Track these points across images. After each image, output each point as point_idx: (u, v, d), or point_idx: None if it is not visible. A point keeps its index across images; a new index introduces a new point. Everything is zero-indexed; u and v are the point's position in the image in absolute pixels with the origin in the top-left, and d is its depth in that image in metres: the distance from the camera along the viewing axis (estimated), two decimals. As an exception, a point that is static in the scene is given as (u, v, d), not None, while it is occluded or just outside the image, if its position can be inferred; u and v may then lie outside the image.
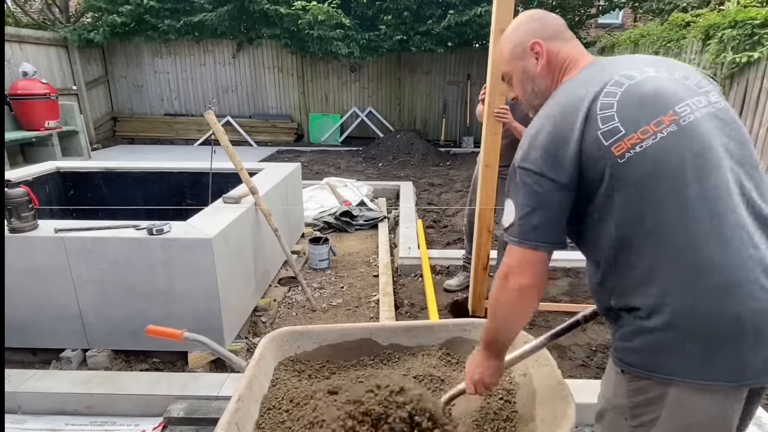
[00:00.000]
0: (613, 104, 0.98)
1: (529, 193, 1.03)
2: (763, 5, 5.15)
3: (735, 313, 0.89)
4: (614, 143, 0.96)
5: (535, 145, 1.03)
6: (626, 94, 0.99)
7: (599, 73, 1.06)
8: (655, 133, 0.95)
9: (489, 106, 2.56)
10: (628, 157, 0.95)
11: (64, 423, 2.03)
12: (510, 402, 1.44)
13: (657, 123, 0.95)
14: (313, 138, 10.62)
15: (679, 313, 0.92)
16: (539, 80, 1.17)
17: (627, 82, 1.00)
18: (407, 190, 6.02)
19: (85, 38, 8.80)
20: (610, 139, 0.96)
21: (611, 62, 1.09)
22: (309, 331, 1.65)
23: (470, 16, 8.40)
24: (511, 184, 1.08)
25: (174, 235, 2.26)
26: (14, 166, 5.81)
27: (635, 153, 0.95)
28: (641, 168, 0.94)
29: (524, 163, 1.04)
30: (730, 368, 0.91)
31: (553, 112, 1.04)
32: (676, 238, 0.92)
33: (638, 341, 0.98)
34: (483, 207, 2.70)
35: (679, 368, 0.93)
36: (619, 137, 0.96)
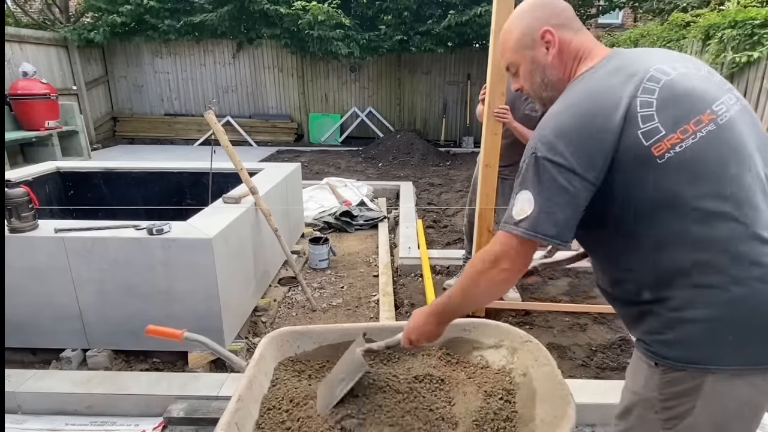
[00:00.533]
0: (653, 102, 0.95)
1: (556, 188, 0.97)
2: (763, 5, 5.15)
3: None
4: (654, 144, 0.94)
5: (567, 138, 0.97)
6: (664, 92, 0.96)
7: (631, 64, 1.01)
8: (694, 132, 0.94)
9: (489, 106, 2.56)
10: (667, 157, 0.93)
11: (64, 423, 2.03)
12: (510, 402, 1.44)
13: (696, 122, 0.94)
14: (313, 138, 10.62)
15: (718, 304, 0.94)
16: (550, 71, 1.12)
17: (663, 78, 0.97)
18: (407, 190, 6.02)
19: (85, 38, 8.80)
20: (651, 140, 0.94)
21: (639, 54, 1.05)
22: (309, 331, 1.65)
23: (470, 16, 8.41)
24: (529, 175, 1.01)
25: (174, 235, 2.26)
26: (14, 166, 5.81)
27: (675, 153, 0.93)
28: (681, 168, 0.93)
29: (554, 156, 0.97)
30: (763, 353, 0.94)
31: (587, 105, 0.98)
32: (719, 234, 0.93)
33: (674, 333, 0.98)
34: (483, 207, 2.70)
35: (717, 357, 0.95)
36: (660, 137, 0.94)
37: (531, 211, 0.99)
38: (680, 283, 0.97)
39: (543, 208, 0.98)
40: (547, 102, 1.13)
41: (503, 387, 1.49)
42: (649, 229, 0.98)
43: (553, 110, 1.03)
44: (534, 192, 0.99)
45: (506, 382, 1.52)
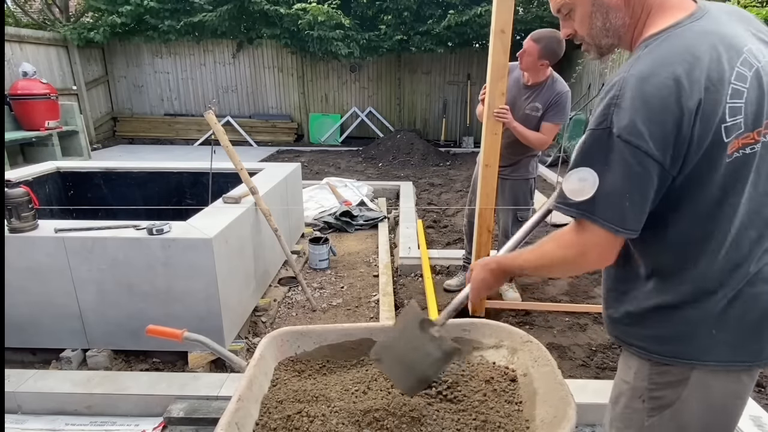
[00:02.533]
0: (743, 93, 0.84)
1: (628, 173, 0.85)
2: (763, 5, 5.15)
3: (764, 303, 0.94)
4: (732, 141, 0.84)
5: (643, 112, 0.82)
6: (754, 82, 0.85)
7: (726, 35, 0.86)
8: (765, 135, 0.86)
9: (489, 106, 2.56)
10: (735, 157, 0.85)
11: (64, 423, 2.03)
12: (510, 403, 1.44)
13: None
14: (313, 138, 10.62)
15: (707, 303, 0.95)
16: (614, 13, 0.96)
17: (756, 65, 0.85)
18: (407, 190, 6.02)
19: (85, 38, 8.80)
20: (731, 136, 0.84)
21: (727, 24, 0.89)
22: (309, 331, 1.65)
23: (470, 16, 8.42)
24: (594, 151, 0.89)
25: (174, 235, 2.26)
26: (14, 166, 5.81)
27: (743, 154, 0.85)
28: (739, 171, 0.86)
29: (630, 136, 0.83)
30: (750, 350, 0.96)
31: (673, 72, 0.82)
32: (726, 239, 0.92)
33: (663, 329, 1.00)
34: (483, 207, 2.70)
35: (704, 352, 0.96)
36: (738, 135, 0.84)
37: (594, 192, 0.88)
38: (679, 283, 0.97)
39: (611, 193, 0.87)
40: (605, 50, 1.03)
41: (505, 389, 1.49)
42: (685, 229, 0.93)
43: (634, 70, 0.86)
44: (598, 170, 0.88)
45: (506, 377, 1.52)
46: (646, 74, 0.84)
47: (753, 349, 0.96)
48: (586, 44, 1.05)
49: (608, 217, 0.89)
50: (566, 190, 0.93)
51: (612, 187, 0.87)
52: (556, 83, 2.83)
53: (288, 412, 1.36)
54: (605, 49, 1.03)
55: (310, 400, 1.42)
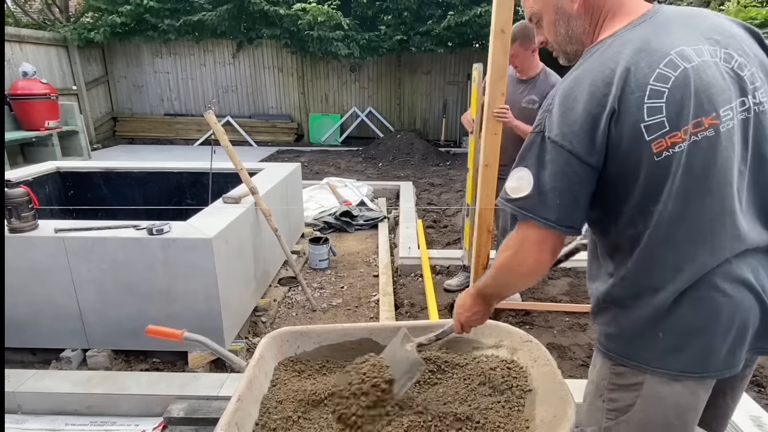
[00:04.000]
0: (664, 93, 0.88)
1: (556, 171, 0.93)
2: (763, 5, 5.16)
3: (715, 308, 0.93)
4: (655, 140, 0.88)
5: (569, 117, 0.91)
6: (678, 82, 0.88)
7: (652, 40, 0.91)
8: (693, 134, 0.88)
9: (489, 106, 2.56)
10: (664, 156, 0.89)
11: (64, 423, 2.03)
12: (510, 402, 1.44)
13: (696, 124, 0.88)
14: (313, 138, 10.62)
15: (658, 307, 0.96)
16: (575, 21, 1.02)
17: (682, 65, 0.89)
18: (407, 190, 6.02)
19: (85, 38, 8.80)
20: (653, 135, 0.88)
21: (665, 27, 0.94)
22: (309, 331, 1.65)
23: (470, 16, 8.41)
24: (531, 153, 0.97)
25: (174, 235, 2.26)
26: (14, 166, 5.81)
27: (672, 153, 0.88)
28: (672, 170, 0.89)
29: (555, 136, 0.92)
30: (699, 360, 0.95)
31: (593, 80, 0.91)
32: (678, 241, 0.93)
33: (618, 328, 1.03)
34: (483, 207, 2.70)
35: (655, 359, 0.98)
36: (662, 134, 0.88)
37: (530, 191, 0.96)
38: (634, 281, 0.98)
39: (542, 190, 0.94)
40: (572, 57, 1.07)
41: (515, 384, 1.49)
42: (628, 223, 0.96)
43: (564, 81, 0.97)
44: (533, 171, 0.96)
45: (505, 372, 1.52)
46: (570, 84, 0.94)
47: (702, 357, 0.95)
48: (555, 50, 1.11)
49: (540, 213, 0.95)
50: (507, 187, 1.01)
51: (544, 186, 0.94)
52: (550, 76, 2.88)
53: (288, 413, 1.36)
54: (572, 56, 1.08)
55: (309, 400, 1.42)
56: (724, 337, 0.94)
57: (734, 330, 0.93)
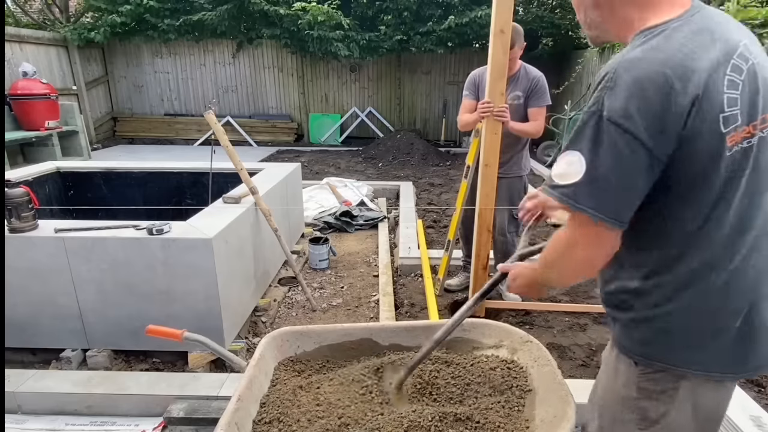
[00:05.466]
0: (739, 84, 0.84)
1: (615, 156, 0.83)
2: (763, 5, 5.15)
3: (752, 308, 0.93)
4: (730, 132, 0.84)
5: (637, 97, 0.81)
6: (750, 76, 0.85)
7: (717, 31, 0.87)
8: (761, 129, 0.86)
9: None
10: (734, 150, 0.85)
11: (64, 423, 2.03)
12: (510, 402, 1.44)
13: (764, 119, 0.86)
14: (313, 138, 10.62)
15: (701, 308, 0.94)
16: (591, 11, 1.00)
17: (751, 60, 0.86)
18: (407, 190, 6.02)
19: (85, 38, 8.80)
20: (729, 127, 0.83)
21: (724, 20, 0.91)
22: (309, 331, 1.65)
23: (470, 17, 8.42)
24: (583, 135, 0.87)
25: (174, 235, 2.26)
26: (14, 166, 5.81)
27: (741, 148, 0.85)
28: (741, 165, 0.86)
29: (618, 117, 0.82)
30: (738, 360, 0.95)
31: (671, 64, 0.82)
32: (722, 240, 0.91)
33: (651, 332, 0.98)
34: (483, 207, 2.70)
35: (692, 360, 0.95)
36: (735, 127, 0.84)
37: (580, 177, 0.86)
38: (672, 280, 0.94)
39: (597, 178, 0.85)
40: (593, 40, 1.06)
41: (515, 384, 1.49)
42: (687, 224, 0.91)
43: (627, 58, 0.86)
44: (586, 155, 0.85)
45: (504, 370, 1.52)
46: (641, 62, 0.84)
47: (739, 357, 0.95)
48: (585, 32, 1.08)
49: (593, 205, 0.86)
50: (554, 173, 0.91)
51: (599, 173, 0.85)
52: (530, 71, 2.94)
53: (288, 412, 1.36)
54: (593, 39, 1.07)
55: (309, 400, 1.42)
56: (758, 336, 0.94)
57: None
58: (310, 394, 1.45)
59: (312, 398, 1.43)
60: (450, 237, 3.28)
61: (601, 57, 8.15)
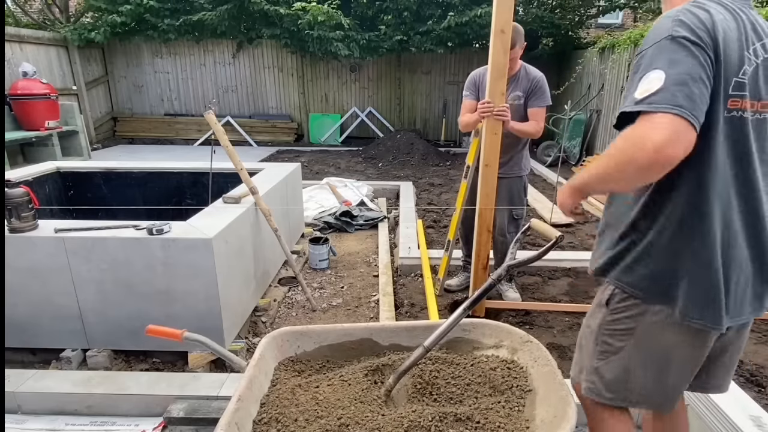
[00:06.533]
0: (757, 64, 1.04)
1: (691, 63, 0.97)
2: (763, 5, 5.15)
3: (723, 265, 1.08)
4: (733, 97, 1.02)
5: (700, 26, 1.00)
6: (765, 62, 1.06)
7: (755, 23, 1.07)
8: (759, 111, 1.05)
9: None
10: (731, 115, 1.03)
11: (64, 423, 2.03)
12: (510, 402, 1.44)
13: (764, 105, 1.06)
14: (313, 138, 10.62)
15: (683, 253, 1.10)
16: None
17: (763, 55, 1.06)
18: (407, 190, 6.02)
19: (85, 38, 8.80)
20: (735, 92, 1.02)
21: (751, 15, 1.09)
22: (309, 331, 1.65)
23: (470, 17, 8.41)
24: (660, 56, 1.00)
25: (174, 235, 2.26)
26: (14, 166, 5.81)
27: (737, 116, 1.03)
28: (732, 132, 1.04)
29: (691, 35, 0.99)
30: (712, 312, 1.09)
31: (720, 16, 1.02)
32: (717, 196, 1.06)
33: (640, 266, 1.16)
34: (483, 207, 2.70)
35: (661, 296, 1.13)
36: (740, 95, 1.03)
37: (661, 85, 0.96)
38: (668, 223, 1.10)
39: (675, 81, 0.95)
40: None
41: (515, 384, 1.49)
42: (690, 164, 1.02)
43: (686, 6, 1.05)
44: (665, 68, 0.97)
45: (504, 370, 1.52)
46: (701, 9, 1.03)
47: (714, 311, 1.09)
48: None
49: (675, 102, 0.94)
50: (636, 94, 1.00)
51: (678, 77, 0.96)
52: (530, 71, 2.93)
53: (286, 412, 1.36)
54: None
55: (308, 399, 1.42)
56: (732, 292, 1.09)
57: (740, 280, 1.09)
58: (308, 393, 1.45)
59: (311, 397, 1.43)
60: (450, 237, 3.28)
61: (601, 57, 8.15)
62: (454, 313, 1.43)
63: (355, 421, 1.33)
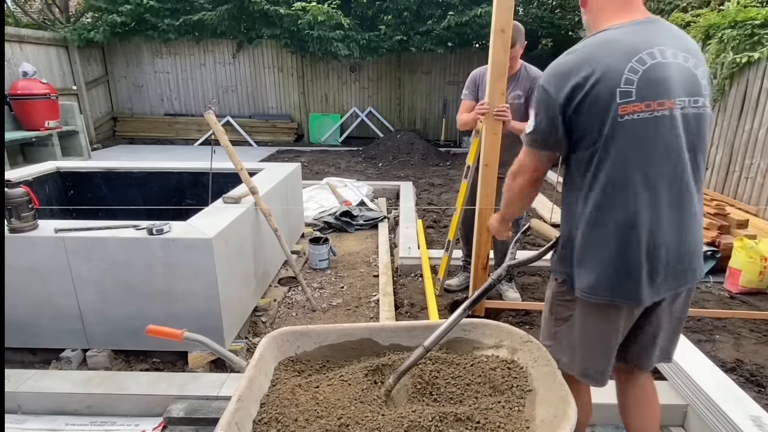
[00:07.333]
0: (634, 81, 1.20)
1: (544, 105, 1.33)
2: (763, 5, 5.15)
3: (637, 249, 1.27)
4: (623, 104, 1.20)
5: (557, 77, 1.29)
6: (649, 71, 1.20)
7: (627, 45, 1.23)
8: (655, 110, 1.20)
9: (489, 106, 2.56)
10: (626, 119, 1.20)
11: (64, 423, 2.04)
12: (510, 402, 1.44)
13: (660, 103, 1.21)
14: (313, 138, 10.62)
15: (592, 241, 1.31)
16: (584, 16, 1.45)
17: (651, 61, 1.21)
18: (407, 190, 6.02)
19: (85, 38, 8.80)
20: (622, 99, 1.20)
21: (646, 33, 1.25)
22: (309, 331, 1.65)
23: (470, 16, 8.42)
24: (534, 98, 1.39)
25: (174, 235, 2.26)
26: (14, 166, 5.81)
27: (631, 119, 1.20)
28: (631, 131, 1.21)
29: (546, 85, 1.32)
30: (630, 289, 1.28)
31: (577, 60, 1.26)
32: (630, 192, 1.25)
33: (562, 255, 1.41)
34: (483, 207, 2.70)
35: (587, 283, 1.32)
36: (629, 101, 1.20)
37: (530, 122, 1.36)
38: (582, 216, 1.31)
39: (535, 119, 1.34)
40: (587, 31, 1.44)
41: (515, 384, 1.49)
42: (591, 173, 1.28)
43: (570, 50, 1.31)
44: (534, 110, 1.35)
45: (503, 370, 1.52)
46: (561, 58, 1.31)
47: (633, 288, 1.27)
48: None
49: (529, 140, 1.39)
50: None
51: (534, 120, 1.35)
52: (531, 70, 2.93)
53: (286, 412, 1.36)
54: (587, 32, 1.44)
55: (308, 399, 1.42)
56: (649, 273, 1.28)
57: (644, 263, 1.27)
58: (308, 393, 1.45)
59: (311, 397, 1.43)
60: (450, 237, 3.28)
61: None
62: (454, 313, 1.44)
63: (355, 421, 1.33)
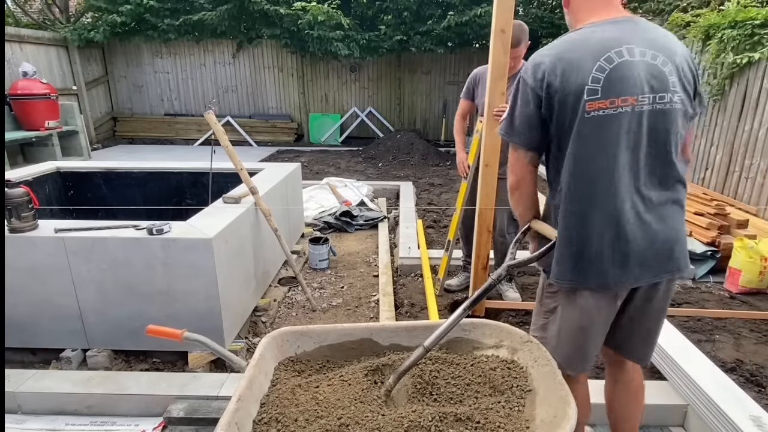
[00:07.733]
0: (600, 79, 1.27)
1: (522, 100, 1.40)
2: (763, 5, 5.15)
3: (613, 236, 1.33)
4: (590, 101, 1.27)
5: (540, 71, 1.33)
6: (617, 69, 1.26)
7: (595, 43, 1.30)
8: (619, 106, 1.26)
9: (489, 106, 2.56)
10: (592, 115, 1.27)
11: (64, 423, 2.04)
12: (510, 402, 1.44)
13: (623, 100, 1.27)
14: (313, 138, 10.62)
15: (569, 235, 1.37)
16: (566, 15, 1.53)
17: (618, 60, 1.27)
18: (407, 190, 6.02)
19: (85, 38, 8.80)
20: (589, 96, 1.27)
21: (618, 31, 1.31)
22: (309, 331, 1.65)
23: (470, 16, 8.42)
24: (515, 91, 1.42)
25: (174, 235, 2.26)
26: (14, 166, 5.81)
27: (597, 115, 1.27)
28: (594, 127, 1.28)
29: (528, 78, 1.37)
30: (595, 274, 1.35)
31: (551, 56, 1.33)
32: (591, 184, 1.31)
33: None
34: (483, 207, 2.70)
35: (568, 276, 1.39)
36: (595, 99, 1.27)
37: (504, 116, 1.45)
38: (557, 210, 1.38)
39: (510, 115, 1.40)
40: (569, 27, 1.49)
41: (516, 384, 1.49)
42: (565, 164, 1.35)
43: (547, 47, 1.37)
44: (511, 102, 1.41)
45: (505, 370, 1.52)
46: (538, 55, 1.38)
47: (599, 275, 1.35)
48: None
49: (504, 130, 1.44)
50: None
51: (511, 111, 1.41)
52: None
53: (286, 412, 1.36)
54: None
55: (308, 399, 1.42)
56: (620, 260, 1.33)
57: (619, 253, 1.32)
58: (308, 393, 1.45)
59: (311, 397, 1.42)
60: (450, 237, 3.28)
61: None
62: (454, 313, 1.44)
63: (355, 421, 1.33)
